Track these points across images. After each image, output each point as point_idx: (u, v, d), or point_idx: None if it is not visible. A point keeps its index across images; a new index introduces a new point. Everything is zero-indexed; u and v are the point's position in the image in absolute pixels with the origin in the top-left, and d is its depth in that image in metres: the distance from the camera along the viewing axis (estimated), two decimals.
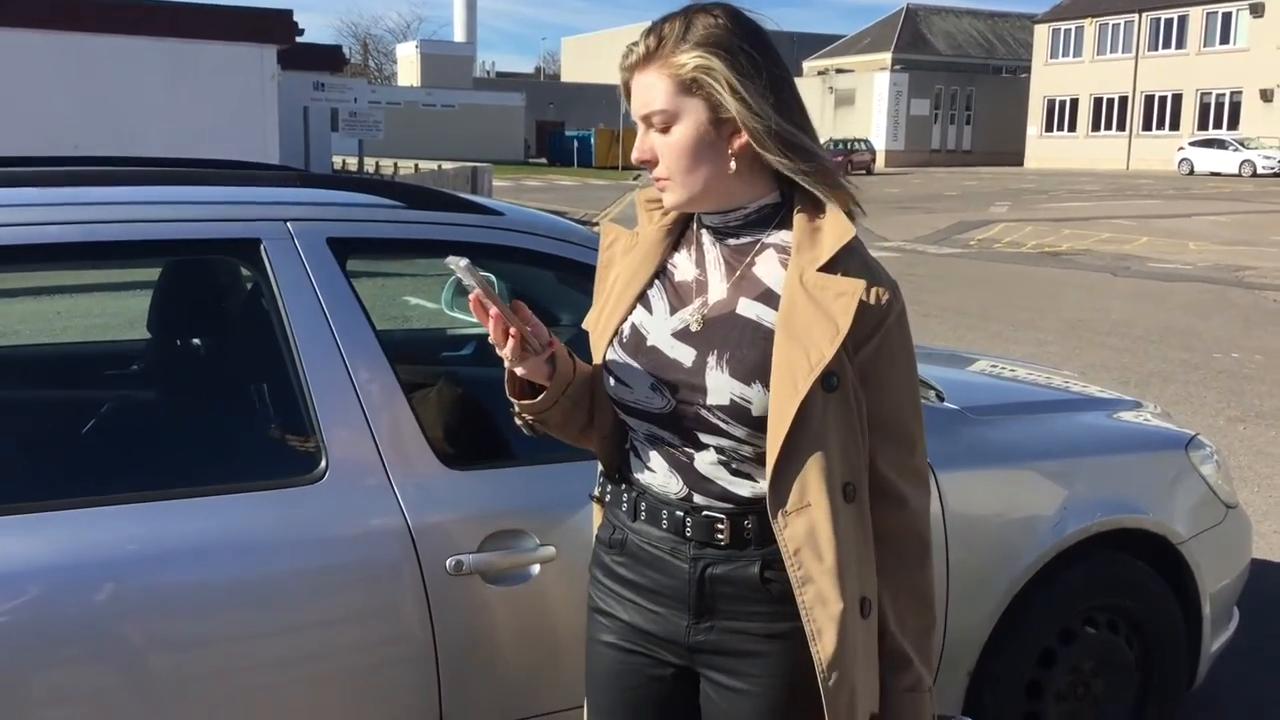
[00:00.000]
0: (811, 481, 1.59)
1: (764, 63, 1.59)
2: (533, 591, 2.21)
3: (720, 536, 1.67)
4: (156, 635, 1.98)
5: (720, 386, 1.62)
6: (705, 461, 1.67)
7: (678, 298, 1.72)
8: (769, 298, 1.64)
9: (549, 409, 1.73)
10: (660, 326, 1.70)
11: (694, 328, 1.67)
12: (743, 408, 1.61)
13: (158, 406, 2.88)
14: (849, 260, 1.61)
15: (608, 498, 1.81)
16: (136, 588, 1.96)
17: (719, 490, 1.68)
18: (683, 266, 1.74)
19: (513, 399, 1.74)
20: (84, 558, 1.95)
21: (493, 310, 1.60)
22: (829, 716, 1.62)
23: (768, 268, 1.67)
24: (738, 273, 1.68)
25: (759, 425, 1.60)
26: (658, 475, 1.72)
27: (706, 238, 1.73)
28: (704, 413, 1.64)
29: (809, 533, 1.59)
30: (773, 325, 1.61)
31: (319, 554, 2.10)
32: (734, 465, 1.67)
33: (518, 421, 1.78)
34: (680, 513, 1.69)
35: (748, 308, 1.65)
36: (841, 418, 1.60)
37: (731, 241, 1.70)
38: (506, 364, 1.68)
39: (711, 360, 1.64)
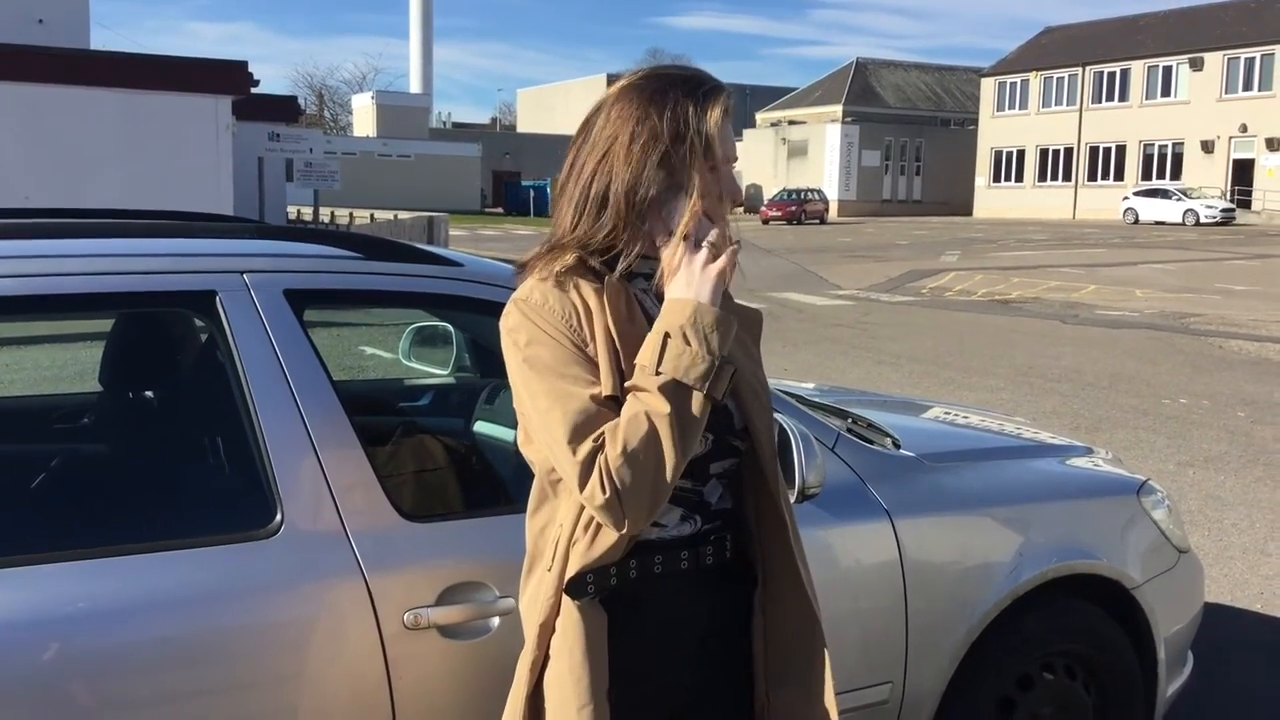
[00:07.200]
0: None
1: None
2: (492, 645, 2.18)
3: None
4: (106, 695, 1.93)
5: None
6: (713, 491, 1.80)
7: None
8: None
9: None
10: None
11: None
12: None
13: (109, 461, 2.83)
14: None
15: (613, 580, 1.74)
16: (85, 647, 1.92)
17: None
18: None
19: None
20: (31, 616, 1.90)
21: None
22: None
23: None
24: None
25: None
26: (668, 528, 1.77)
27: (638, 288, 1.80)
28: (729, 438, 1.79)
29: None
30: None
31: (273, 609, 2.07)
32: (727, 483, 1.82)
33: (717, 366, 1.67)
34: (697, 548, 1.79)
35: None
36: None
37: (650, 285, 1.79)
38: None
39: None
